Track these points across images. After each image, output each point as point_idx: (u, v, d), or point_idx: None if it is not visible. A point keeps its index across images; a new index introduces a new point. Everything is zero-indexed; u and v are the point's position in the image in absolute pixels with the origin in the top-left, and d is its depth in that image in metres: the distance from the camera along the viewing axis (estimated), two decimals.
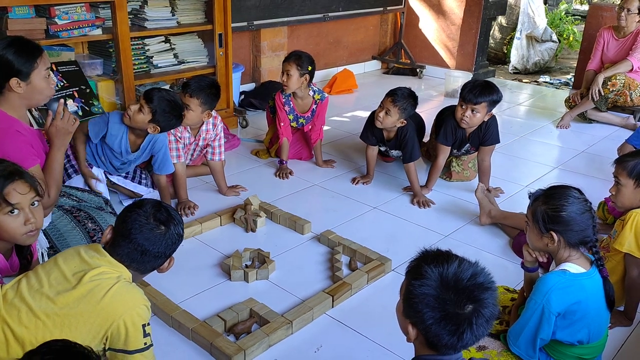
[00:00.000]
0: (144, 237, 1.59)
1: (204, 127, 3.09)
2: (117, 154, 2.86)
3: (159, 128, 2.74)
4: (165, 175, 2.98)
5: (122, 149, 2.82)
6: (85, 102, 3.24)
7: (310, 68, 3.46)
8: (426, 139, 3.91)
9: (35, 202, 1.76)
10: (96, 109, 3.27)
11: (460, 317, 1.22)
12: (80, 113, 3.21)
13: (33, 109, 2.35)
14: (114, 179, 3.02)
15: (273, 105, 3.75)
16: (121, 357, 1.53)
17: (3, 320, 1.49)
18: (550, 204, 1.78)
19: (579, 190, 1.82)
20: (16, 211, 1.69)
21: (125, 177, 3.06)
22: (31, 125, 2.35)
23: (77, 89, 3.26)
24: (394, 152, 3.42)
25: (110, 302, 1.51)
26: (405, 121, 3.18)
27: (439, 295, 1.23)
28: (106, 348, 1.52)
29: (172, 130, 2.96)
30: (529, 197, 1.88)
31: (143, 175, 3.12)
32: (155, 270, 1.71)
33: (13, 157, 2.06)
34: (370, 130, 3.33)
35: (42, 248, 2.13)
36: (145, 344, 1.55)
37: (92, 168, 2.90)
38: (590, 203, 1.82)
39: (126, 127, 2.80)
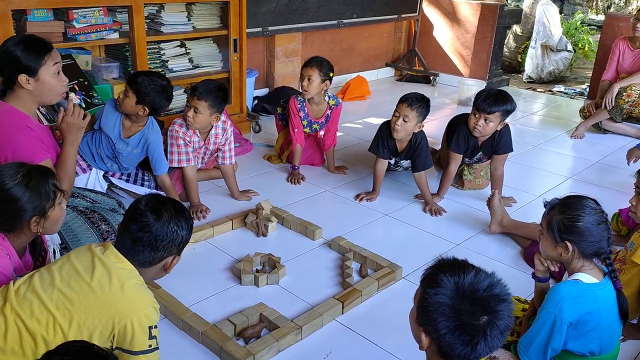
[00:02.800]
0: (136, 225, 1.60)
1: (213, 132, 3.10)
2: (111, 141, 2.87)
3: (146, 109, 2.76)
4: (168, 176, 2.99)
5: (115, 134, 2.85)
6: (86, 94, 3.25)
7: (331, 74, 3.48)
8: (437, 146, 3.90)
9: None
10: (97, 100, 3.28)
11: (475, 327, 1.21)
12: (83, 105, 3.21)
13: (40, 106, 2.37)
14: (115, 180, 3.03)
15: (282, 112, 3.76)
16: (126, 358, 1.54)
17: (16, 314, 1.51)
18: (567, 213, 1.77)
19: (595, 201, 1.81)
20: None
21: (127, 180, 3.07)
22: (40, 122, 2.37)
23: (76, 82, 3.26)
24: (405, 163, 3.36)
25: (120, 299, 1.53)
26: (422, 125, 3.14)
27: (454, 304, 1.22)
28: (113, 347, 1.54)
29: (181, 135, 2.98)
30: (545, 205, 1.87)
31: (145, 177, 3.12)
32: (164, 269, 1.71)
33: (24, 151, 2.07)
34: (383, 142, 3.23)
35: (53, 244, 2.15)
36: (150, 346, 1.55)
37: (90, 170, 2.94)
38: (606, 214, 1.81)
39: (121, 113, 2.85)
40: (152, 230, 1.60)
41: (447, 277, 1.25)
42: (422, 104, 3.07)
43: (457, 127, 3.27)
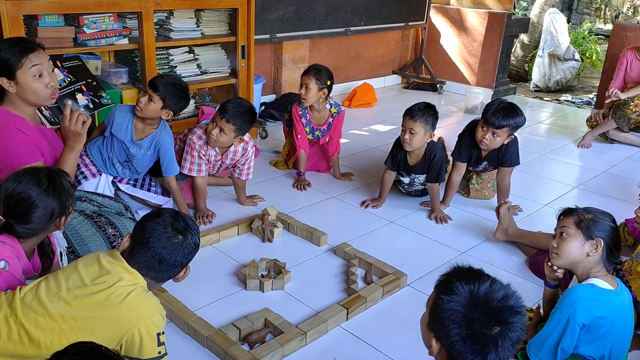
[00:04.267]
0: (161, 245, 1.61)
1: (232, 148, 3.08)
2: (124, 145, 2.88)
3: (172, 112, 2.83)
4: (175, 179, 3.00)
5: (127, 138, 2.87)
6: (94, 95, 3.24)
7: (329, 83, 3.48)
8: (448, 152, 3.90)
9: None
10: (106, 101, 3.29)
11: (487, 337, 1.21)
12: (91, 106, 3.22)
13: (43, 108, 2.34)
14: (123, 186, 3.05)
15: (289, 118, 3.77)
16: None
17: (19, 323, 1.51)
18: (594, 213, 1.83)
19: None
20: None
21: (134, 185, 3.09)
22: (42, 124, 2.36)
23: (84, 82, 3.27)
24: (421, 178, 3.27)
25: (126, 309, 1.53)
26: (433, 134, 3.11)
27: (467, 313, 1.22)
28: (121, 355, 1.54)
29: (197, 147, 3.00)
30: (563, 213, 1.89)
31: (152, 183, 3.14)
32: (172, 280, 1.73)
33: (13, 153, 2.06)
34: (394, 155, 3.23)
35: (60, 247, 2.16)
36: (159, 352, 1.56)
37: (100, 175, 2.95)
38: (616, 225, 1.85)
39: (132, 116, 2.87)
40: (181, 251, 1.64)
41: (462, 285, 1.25)
42: (425, 114, 3.04)
43: (460, 136, 3.26)
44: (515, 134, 3.19)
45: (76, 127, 2.17)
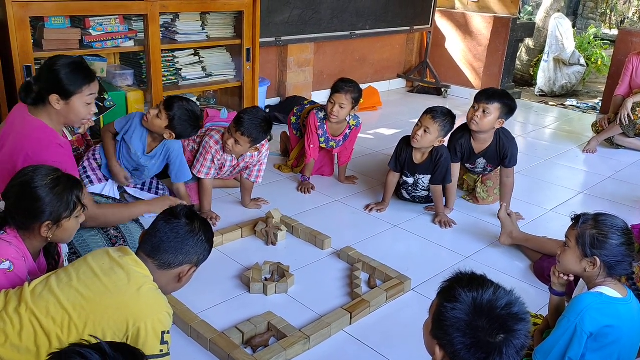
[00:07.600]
0: (170, 226, 1.67)
1: (248, 153, 3.09)
2: (133, 155, 2.89)
3: (174, 135, 2.81)
4: (184, 185, 3.00)
5: (140, 150, 2.88)
6: (97, 99, 3.26)
7: (361, 100, 3.47)
8: None
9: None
10: (109, 103, 3.28)
11: (491, 345, 1.20)
12: (97, 111, 3.24)
13: None
14: (130, 190, 3.06)
15: (296, 122, 3.76)
16: None
17: (31, 312, 1.52)
18: (601, 229, 1.75)
19: (625, 223, 1.80)
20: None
21: (142, 189, 3.09)
22: (65, 136, 2.41)
23: None
24: (425, 179, 3.26)
25: (136, 301, 1.55)
26: (443, 140, 3.12)
27: (471, 321, 1.21)
28: None
29: (212, 152, 3.01)
30: (572, 219, 1.84)
31: (160, 186, 3.14)
32: (176, 282, 1.74)
33: (63, 169, 2.10)
34: (398, 155, 3.22)
35: (63, 253, 2.17)
36: (161, 351, 1.56)
37: (107, 181, 2.95)
38: (634, 236, 1.79)
39: (146, 129, 2.87)
40: (181, 232, 1.67)
41: (465, 293, 1.24)
42: (446, 119, 3.05)
43: (452, 136, 3.27)
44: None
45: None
